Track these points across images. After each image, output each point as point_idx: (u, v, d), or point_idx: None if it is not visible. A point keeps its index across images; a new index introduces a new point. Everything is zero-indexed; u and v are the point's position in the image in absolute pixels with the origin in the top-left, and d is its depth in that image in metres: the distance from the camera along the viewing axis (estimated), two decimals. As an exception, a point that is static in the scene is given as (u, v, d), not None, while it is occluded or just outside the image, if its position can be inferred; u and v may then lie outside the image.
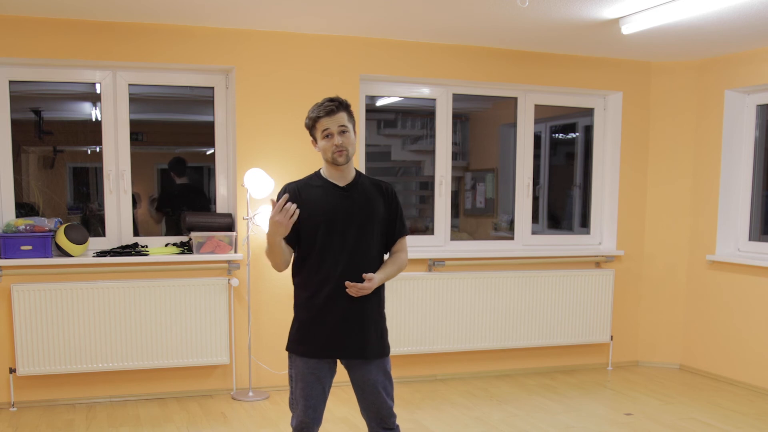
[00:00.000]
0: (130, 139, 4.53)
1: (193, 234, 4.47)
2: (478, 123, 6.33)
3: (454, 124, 5.18)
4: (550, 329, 5.19)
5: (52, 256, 4.25)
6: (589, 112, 5.54)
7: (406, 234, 2.79)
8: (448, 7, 3.93)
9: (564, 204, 6.01)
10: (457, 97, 5.15)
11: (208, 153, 4.86)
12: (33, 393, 4.31)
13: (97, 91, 4.50)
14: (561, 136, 6.09)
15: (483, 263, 5.10)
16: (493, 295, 5.03)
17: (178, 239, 4.69)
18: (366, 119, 4.99)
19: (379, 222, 2.68)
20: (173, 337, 4.43)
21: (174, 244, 4.64)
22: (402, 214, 2.77)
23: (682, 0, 3.75)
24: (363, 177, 2.73)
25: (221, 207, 4.76)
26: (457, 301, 4.95)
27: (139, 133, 4.69)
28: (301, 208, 2.59)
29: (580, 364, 5.44)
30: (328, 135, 2.59)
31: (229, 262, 4.56)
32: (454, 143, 5.19)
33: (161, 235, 4.86)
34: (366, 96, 4.95)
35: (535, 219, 5.46)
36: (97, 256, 4.36)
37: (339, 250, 2.59)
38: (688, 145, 5.32)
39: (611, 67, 5.27)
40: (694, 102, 5.27)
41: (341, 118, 2.59)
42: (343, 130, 2.59)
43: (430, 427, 4.06)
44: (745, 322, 4.94)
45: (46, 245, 4.21)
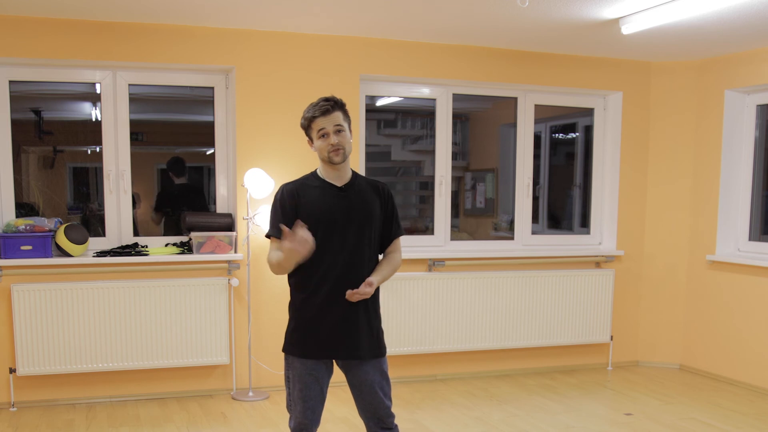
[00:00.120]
0: (130, 139, 4.53)
1: (193, 234, 4.47)
2: (478, 123, 6.33)
3: (454, 124, 5.18)
4: (550, 329, 5.19)
5: (52, 256, 4.25)
6: (589, 112, 5.54)
7: (402, 234, 2.79)
8: (448, 7, 3.93)
9: (564, 204, 6.01)
10: (457, 97, 5.15)
11: (208, 153, 4.86)
12: (33, 393, 4.31)
13: (97, 91, 4.50)
14: (561, 136, 6.09)
15: (483, 263, 5.10)
16: (493, 295, 5.03)
17: (178, 239, 4.69)
18: (366, 119, 4.99)
19: (376, 222, 2.68)
20: (173, 337, 4.43)
21: (174, 244, 4.64)
22: (397, 214, 2.77)
23: (682, 0, 3.75)
24: (359, 177, 2.73)
25: (221, 207, 4.76)
26: (457, 301, 4.95)
27: (139, 133, 4.69)
28: (300, 208, 2.59)
29: (580, 364, 5.44)
30: (324, 135, 2.58)
31: (229, 262, 4.57)
32: (454, 143, 5.18)
33: (160, 235, 4.86)
34: (366, 96, 4.94)
35: (535, 219, 5.46)
36: (97, 256, 4.36)
37: (338, 251, 2.59)
38: (688, 145, 5.32)
39: (611, 67, 5.27)
40: (694, 102, 5.27)
41: (337, 118, 2.58)
42: (338, 129, 2.58)
43: (430, 427, 4.06)
44: (745, 322, 4.94)
45: (46, 245, 4.21)
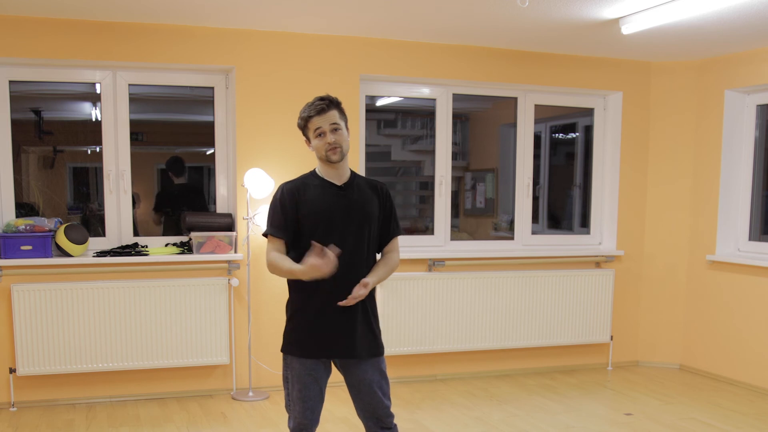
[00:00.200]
0: (130, 139, 4.53)
1: (193, 234, 4.47)
2: (478, 123, 6.33)
3: (454, 124, 5.18)
4: (550, 329, 5.19)
5: (52, 256, 4.25)
6: (589, 112, 5.54)
7: (400, 234, 2.79)
8: (448, 7, 3.93)
9: (564, 204, 6.01)
10: (457, 97, 5.15)
11: (208, 153, 4.86)
12: (33, 393, 4.31)
13: (97, 91, 4.50)
14: (561, 136, 6.09)
15: (483, 263, 5.10)
16: (493, 295, 5.03)
17: (178, 239, 4.69)
18: (366, 119, 4.99)
19: (375, 222, 2.69)
20: (173, 337, 4.43)
21: (174, 244, 4.64)
22: (396, 214, 2.77)
23: (682, 0, 3.75)
24: (358, 177, 2.73)
25: (221, 207, 4.76)
26: (457, 301, 4.95)
27: (139, 133, 4.69)
28: (300, 207, 2.59)
29: (580, 364, 5.44)
30: (320, 133, 2.59)
31: (229, 262, 4.57)
32: (454, 143, 5.18)
33: (159, 235, 4.86)
34: (366, 96, 4.94)
35: (535, 219, 5.46)
36: (97, 256, 4.36)
37: None
38: (688, 145, 5.32)
39: (611, 67, 5.27)
40: (694, 102, 5.27)
41: (333, 116, 2.59)
42: (335, 128, 2.58)
43: (430, 427, 4.06)
44: (745, 322, 4.94)
45: (46, 245, 4.21)
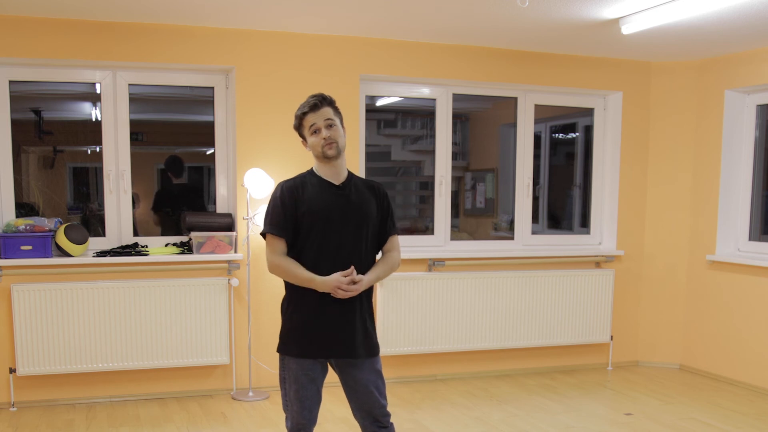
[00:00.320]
0: (130, 139, 4.53)
1: (193, 234, 4.47)
2: (478, 123, 6.33)
3: (454, 124, 5.18)
4: (550, 329, 5.19)
5: (52, 256, 4.25)
6: (589, 112, 5.54)
7: (397, 232, 2.78)
8: (448, 7, 3.93)
9: (564, 204, 6.01)
10: (457, 97, 5.15)
11: (208, 153, 4.86)
12: (33, 393, 4.31)
13: (97, 91, 4.50)
14: (561, 136, 6.09)
15: (483, 263, 5.09)
16: (493, 295, 5.03)
17: (178, 239, 4.69)
18: (366, 119, 4.99)
19: (373, 221, 2.69)
20: (173, 337, 4.43)
21: (174, 244, 4.64)
22: (393, 213, 2.77)
23: (682, 0, 3.75)
24: (355, 177, 2.73)
25: (221, 207, 4.76)
26: (457, 301, 4.95)
27: (139, 133, 4.69)
28: (299, 205, 2.59)
29: (580, 364, 5.44)
30: (315, 130, 2.59)
31: (229, 262, 4.57)
32: (454, 143, 5.18)
33: (159, 235, 4.86)
34: (366, 96, 4.94)
35: (535, 219, 5.46)
36: (97, 256, 4.36)
37: (335, 249, 2.59)
38: (688, 145, 5.32)
39: (611, 67, 5.27)
40: (694, 102, 5.27)
41: (326, 112, 2.59)
42: (329, 124, 2.58)
43: (430, 427, 4.06)
44: (745, 322, 4.94)
45: (46, 245, 4.21)
